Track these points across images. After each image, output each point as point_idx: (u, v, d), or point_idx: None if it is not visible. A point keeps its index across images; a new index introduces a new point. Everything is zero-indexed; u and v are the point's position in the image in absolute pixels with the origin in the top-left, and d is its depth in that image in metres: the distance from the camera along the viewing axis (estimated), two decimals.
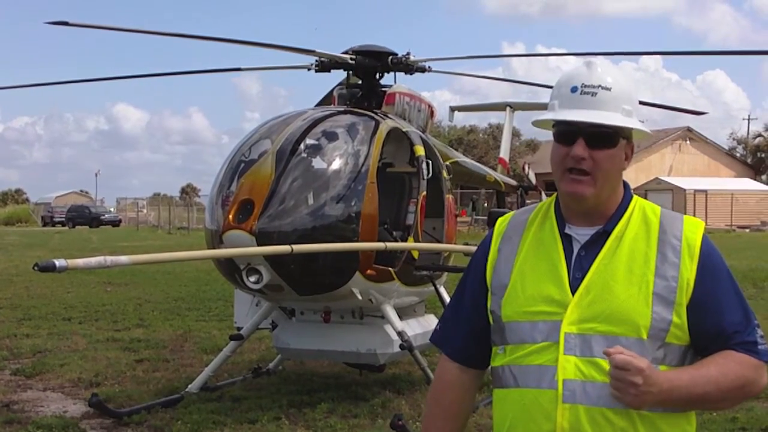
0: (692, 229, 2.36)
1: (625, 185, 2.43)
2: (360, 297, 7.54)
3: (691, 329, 2.29)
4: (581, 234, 2.38)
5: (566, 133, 2.33)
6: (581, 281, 2.31)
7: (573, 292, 2.30)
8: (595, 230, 2.37)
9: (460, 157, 11.15)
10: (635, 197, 2.43)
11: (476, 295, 2.51)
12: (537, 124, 2.50)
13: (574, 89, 2.34)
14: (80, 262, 5.56)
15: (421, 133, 8.83)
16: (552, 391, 2.26)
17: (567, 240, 2.39)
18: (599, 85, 2.32)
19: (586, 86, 2.33)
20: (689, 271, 2.29)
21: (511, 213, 2.60)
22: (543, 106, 2.69)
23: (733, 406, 2.41)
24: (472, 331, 2.53)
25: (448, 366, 2.58)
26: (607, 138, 2.32)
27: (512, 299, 2.39)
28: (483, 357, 2.52)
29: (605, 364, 2.20)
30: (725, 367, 2.25)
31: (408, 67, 8.97)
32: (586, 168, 2.30)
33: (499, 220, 2.58)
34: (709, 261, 2.33)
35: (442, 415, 2.56)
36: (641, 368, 2.11)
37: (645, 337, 2.24)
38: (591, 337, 2.25)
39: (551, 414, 2.26)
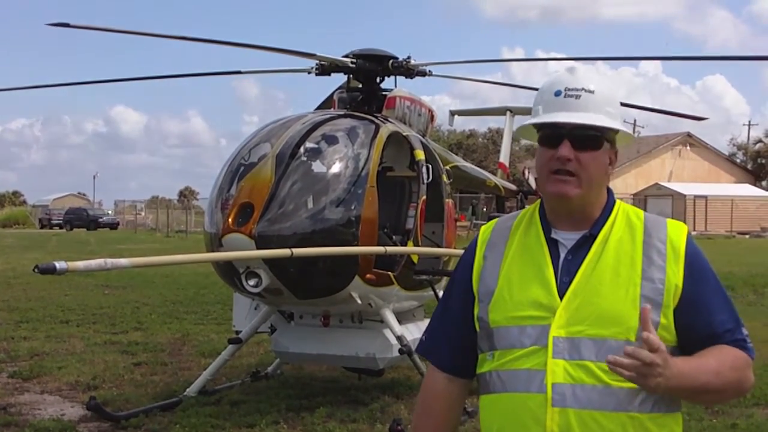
0: (676, 232, 2.38)
1: (609, 191, 2.46)
2: (359, 301, 7.52)
3: (681, 331, 2.31)
4: (567, 238, 2.40)
5: (551, 136, 2.36)
6: (569, 285, 2.32)
7: (561, 296, 2.32)
8: (581, 234, 2.38)
9: (460, 162, 11.15)
10: (618, 202, 2.46)
11: (463, 303, 2.52)
12: (519, 134, 2.54)
13: (557, 93, 2.38)
14: (80, 264, 5.53)
15: (421, 137, 8.81)
16: (541, 395, 2.26)
17: (553, 245, 2.41)
18: (582, 88, 2.37)
19: (569, 89, 2.37)
20: (676, 274, 2.31)
21: (495, 220, 2.61)
22: None
23: (727, 401, 2.45)
24: (459, 340, 2.53)
25: (436, 376, 2.58)
26: (592, 140, 2.35)
27: (500, 305, 2.39)
28: (470, 366, 2.52)
29: (594, 367, 2.23)
30: (722, 359, 2.28)
31: (408, 71, 8.95)
32: (571, 169, 2.33)
33: (483, 227, 2.60)
34: (695, 263, 2.35)
35: (431, 425, 2.57)
36: (663, 349, 2.12)
37: (633, 339, 2.23)
38: (580, 340, 2.26)
39: (541, 418, 2.26)
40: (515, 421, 2.31)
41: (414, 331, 8.25)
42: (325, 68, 8.81)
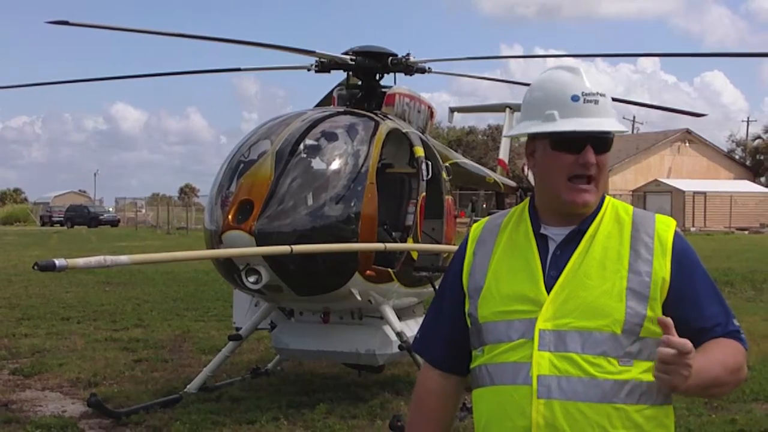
0: (664, 227, 2.39)
1: None
2: (359, 298, 7.54)
3: None
4: (557, 234, 2.41)
5: (573, 140, 2.35)
6: (557, 279, 2.34)
7: (548, 290, 2.33)
8: (570, 230, 2.40)
9: (460, 158, 11.15)
10: (608, 197, 2.48)
11: (454, 300, 2.53)
12: (525, 135, 2.49)
13: (575, 98, 2.35)
14: (80, 261, 5.56)
15: (420, 134, 8.82)
16: (527, 387, 2.28)
17: (542, 240, 2.42)
18: (597, 92, 2.36)
19: (587, 95, 2.35)
20: (663, 268, 2.32)
21: (486, 218, 2.62)
22: None
23: (728, 392, 2.44)
24: (451, 337, 2.54)
25: (430, 373, 2.60)
26: (608, 143, 2.38)
27: (488, 300, 2.41)
28: (464, 363, 2.53)
29: (579, 359, 2.24)
30: (725, 351, 2.30)
31: (408, 68, 8.96)
32: (593, 173, 2.35)
33: (474, 225, 2.61)
34: (683, 257, 2.36)
35: (425, 422, 2.58)
36: (692, 352, 2.10)
37: (619, 331, 2.26)
38: (566, 333, 2.27)
39: (526, 410, 2.27)
40: (502, 413, 2.33)
41: (414, 328, 8.26)
42: (325, 65, 8.82)
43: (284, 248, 6.69)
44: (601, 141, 2.35)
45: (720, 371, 2.26)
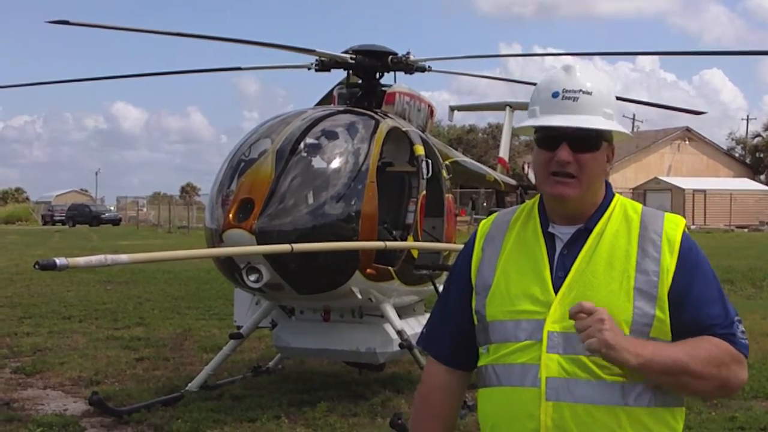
0: (672, 226, 2.37)
1: (607, 185, 2.45)
2: (360, 296, 7.56)
3: (671, 323, 2.30)
4: (564, 233, 2.40)
5: (549, 138, 2.35)
6: (564, 280, 2.33)
7: (556, 291, 2.32)
8: (576, 228, 2.39)
9: (460, 157, 11.17)
10: (617, 195, 2.46)
11: (461, 296, 2.52)
12: (518, 131, 2.53)
13: (555, 94, 2.35)
14: (81, 260, 5.57)
15: (420, 133, 8.84)
16: (535, 389, 2.27)
17: (550, 239, 2.41)
18: (580, 90, 2.34)
19: (567, 91, 2.34)
20: (670, 267, 2.30)
21: (495, 214, 2.61)
22: None
23: (713, 391, 2.29)
24: (458, 332, 2.54)
25: (435, 368, 2.59)
26: (591, 141, 2.34)
27: (496, 299, 2.40)
28: (469, 358, 2.52)
29: (588, 362, 2.23)
30: (698, 343, 2.25)
31: (408, 66, 8.98)
32: (571, 171, 2.33)
33: (483, 221, 2.60)
34: (689, 256, 2.34)
35: (430, 416, 2.57)
36: (600, 309, 2.15)
37: (627, 332, 2.23)
38: (574, 335, 2.24)
39: (534, 412, 2.27)
40: (510, 415, 2.32)
41: (414, 326, 8.29)
42: (325, 64, 8.84)
43: (285, 247, 6.71)
44: (580, 138, 2.33)
45: (683, 356, 2.20)
